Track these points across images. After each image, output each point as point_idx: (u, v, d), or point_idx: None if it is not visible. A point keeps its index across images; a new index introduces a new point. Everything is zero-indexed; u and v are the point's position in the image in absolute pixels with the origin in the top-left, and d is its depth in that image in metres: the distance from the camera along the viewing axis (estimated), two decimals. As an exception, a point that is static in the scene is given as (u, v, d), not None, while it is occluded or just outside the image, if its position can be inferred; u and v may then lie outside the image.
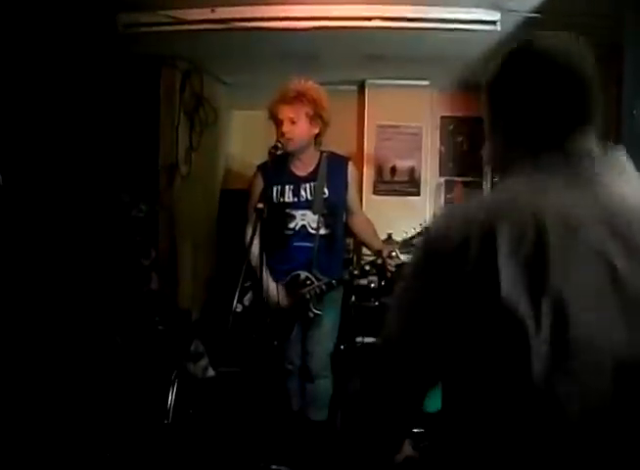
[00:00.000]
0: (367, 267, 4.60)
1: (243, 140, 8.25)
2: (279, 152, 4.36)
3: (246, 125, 8.10)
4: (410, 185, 7.94)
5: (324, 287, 4.52)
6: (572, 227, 1.45)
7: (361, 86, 8.00)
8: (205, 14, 5.30)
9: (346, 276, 4.61)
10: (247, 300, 4.55)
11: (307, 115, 4.51)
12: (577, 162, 1.59)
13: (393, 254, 4.48)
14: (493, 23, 5.17)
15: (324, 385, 4.73)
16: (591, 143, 1.63)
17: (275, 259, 4.59)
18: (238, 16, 5.30)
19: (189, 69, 6.86)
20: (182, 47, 6.25)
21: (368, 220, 4.87)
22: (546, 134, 1.65)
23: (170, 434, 4.73)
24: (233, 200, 7.33)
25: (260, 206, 4.07)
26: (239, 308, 4.40)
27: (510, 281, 1.40)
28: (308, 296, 4.53)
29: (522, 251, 1.41)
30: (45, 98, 5.33)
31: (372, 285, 6.40)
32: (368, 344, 6.55)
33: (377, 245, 4.73)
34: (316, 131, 4.59)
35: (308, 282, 4.55)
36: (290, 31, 5.43)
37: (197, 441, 4.75)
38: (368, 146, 7.93)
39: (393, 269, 4.59)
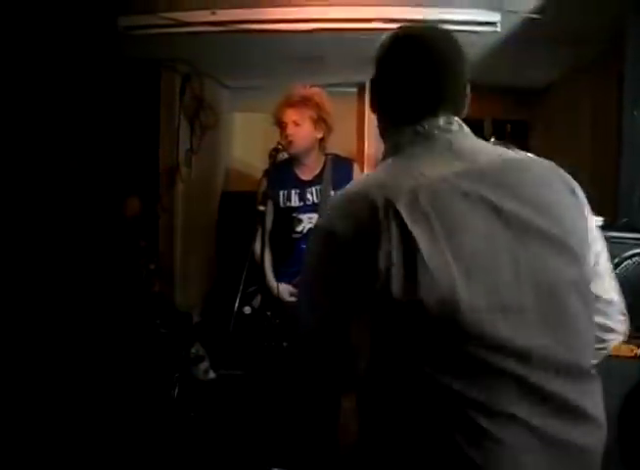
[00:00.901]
0: None
1: (244, 143, 8.25)
2: (280, 154, 4.38)
3: (247, 128, 8.11)
4: (410, 186, 7.91)
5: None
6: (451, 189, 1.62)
7: (362, 88, 7.99)
8: (205, 16, 5.30)
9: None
10: (256, 302, 4.54)
11: (311, 118, 4.51)
12: (438, 136, 1.79)
13: None
14: (494, 24, 5.17)
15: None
16: (449, 120, 1.84)
17: (283, 263, 4.60)
18: (238, 18, 5.30)
19: (189, 72, 6.86)
20: (182, 50, 6.25)
21: None
22: (406, 113, 1.85)
23: (172, 436, 4.73)
24: (234, 202, 7.35)
25: (261, 208, 4.08)
26: (247, 311, 4.40)
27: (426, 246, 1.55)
28: None
29: (420, 218, 1.56)
30: (45, 100, 5.33)
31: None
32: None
33: None
34: (320, 135, 4.59)
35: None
36: (290, 34, 5.43)
37: (198, 444, 4.74)
38: (368, 147, 7.92)
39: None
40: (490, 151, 1.80)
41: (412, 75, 1.85)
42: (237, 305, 4.12)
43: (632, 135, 4.08)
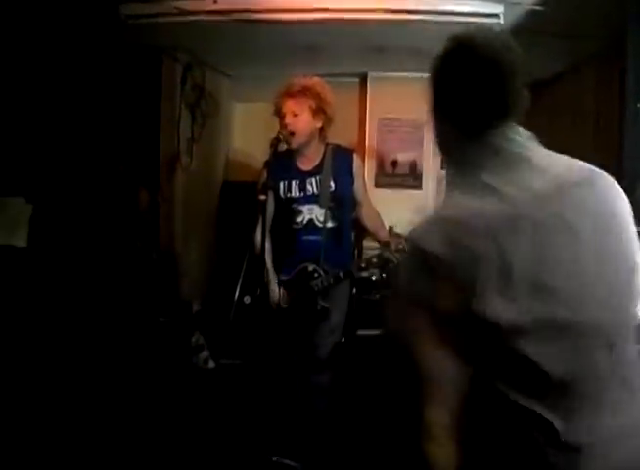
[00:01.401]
0: (374, 260, 4.59)
1: (244, 132, 8.25)
2: (280, 145, 4.37)
3: (247, 117, 8.11)
4: (412, 178, 7.93)
5: (332, 280, 4.52)
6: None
7: (363, 79, 8.00)
8: (207, 5, 5.28)
9: (354, 269, 4.60)
10: (256, 292, 4.54)
11: (310, 108, 4.50)
12: (516, 151, 1.77)
13: (401, 246, 4.46)
14: (496, 15, 5.15)
15: (329, 376, 4.72)
16: (515, 131, 1.81)
17: (284, 254, 4.60)
18: (240, 7, 5.29)
19: (190, 60, 6.85)
20: (184, 38, 6.23)
21: (376, 212, 4.86)
22: (476, 124, 1.82)
23: (171, 425, 4.73)
24: (234, 191, 7.36)
25: (262, 197, 4.08)
26: (247, 300, 4.41)
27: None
28: (316, 288, 4.53)
29: (519, 247, 1.59)
30: (46, 88, 5.32)
31: (373, 277, 6.39)
32: (369, 336, 6.57)
33: (385, 236, 4.72)
34: (319, 125, 4.57)
35: (316, 275, 4.55)
36: (292, 23, 5.42)
37: (198, 432, 4.75)
38: (370, 139, 7.93)
39: (397, 262, 4.58)
40: (560, 164, 1.79)
41: (483, 86, 1.80)
42: (237, 294, 4.12)
43: (634, 128, 4.07)
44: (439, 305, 1.61)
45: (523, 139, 1.80)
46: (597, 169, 1.81)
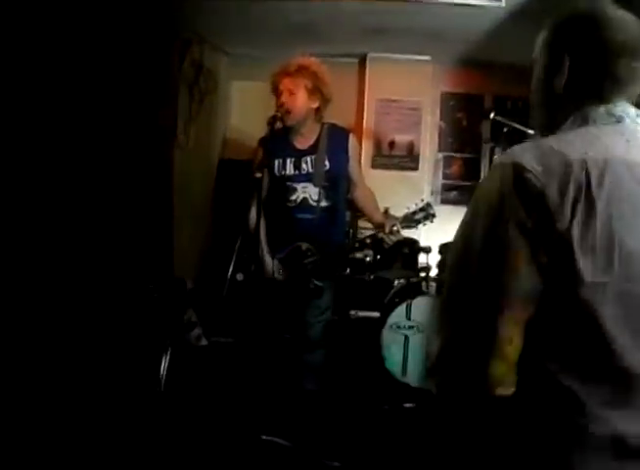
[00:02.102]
0: (368, 240, 4.60)
1: (242, 110, 8.24)
2: (277, 123, 4.36)
3: (245, 96, 8.10)
4: (409, 160, 7.94)
5: (325, 259, 4.53)
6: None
7: (362, 60, 7.99)
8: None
9: (347, 248, 4.61)
10: (250, 268, 4.55)
11: (306, 87, 4.48)
12: (628, 121, 1.68)
13: (395, 228, 4.47)
14: (498, -1, 5.16)
15: (321, 355, 4.74)
16: (638, 112, 1.73)
17: (277, 232, 4.60)
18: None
19: (190, 37, 6.83)
20: (184, 15, 6.22)
21: (371, 193, 4.86)
22: (601, 91, 1.72)
23: (162, 402, 4.75)
24: (231, 170, 7.35)
25: (258, 175, 4.08)
26: (240, 277, 4.41)
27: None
28: (309, 266, 4.54)
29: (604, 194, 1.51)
30: (42, 59, 5.30)
31: (367, 258, 6.42)
32: (362, 317, 6.59)
33: (379, 218, 4.72)
34: (315, 105, 4.56)
35: (309, 253, 4.55)
36: (292, 2, 5.41)
37: (188, 410, 4.77)
38: (367, 120, 7.94)
39: (392, 244, 4.60)
40: None
41: (616, 55, 1.70)
42: (230, 271, 4.12)
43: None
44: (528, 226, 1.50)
45: (633, 113, 1.72)
46: None
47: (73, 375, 4.70)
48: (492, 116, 5.72)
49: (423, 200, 4.59)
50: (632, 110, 1.72)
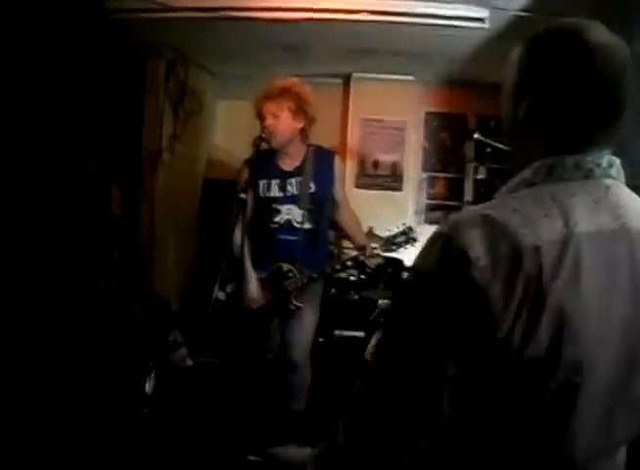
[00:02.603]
0: (349, 263, 4.61)
1: (227, 130, 8.25)
2: (262, 144, 4.37)
3: (230, 115, 8.10)
4: (393, 180, 7.96)
5: (305, 280, 4.53)
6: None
7: (347, 79, 8.02)
8: (192, 2, 5.29)
9: (328, 270, 4.61)
10: (229, 288, 4.55)
11: (290, 109, 4.49)
12: (599, 177, 1.51)
13: (375, 252, 4.49)
14: (481, 20, 5.18)
15: (303, 375, 4.73)
16: (611, 161, 1.54)
17: (260, 252, 4.60)
18: (225, 5, 5.29)
19: (175, 57, 6.84)
20: (168, 35, 6.23)
21: (354, 215, 4.87)
22: (570, 138, 1.52)
23: (148, 423, 4.73)
24: (215, 190, 7.35)
25: (243, 196, 4.08)
26: (222, 296, 4.42)
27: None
28: (290, 288, 4.54)
29: (563, 277, 1.37)
30: (28, 83, 5.30)
31: (352, 278, 6.42)
32: (346, 337, 6.58)
33: (361, 240, 4.73)
34: (300, 126, 4.57)
35: (290, 274, 4.56)
36: (277, 22, 5.43)
37: (174, 431, 4.75)
38: (352, 139, 7.95)
39: (374, 267, 4.61)
40: (636, 209, 1.53)
41: (588, 82, 1.47)
42: (215, 292, 4.12)
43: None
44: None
45: (615, 171, 1.54)
46: None
47: (59, 396, 4.68)
48: (476, 136, 5.74)
49: (404, 224, 4.60)
50: (604, 160, 1.51)
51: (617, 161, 1.54)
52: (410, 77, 7.77)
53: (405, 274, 6.51)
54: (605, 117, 1.50)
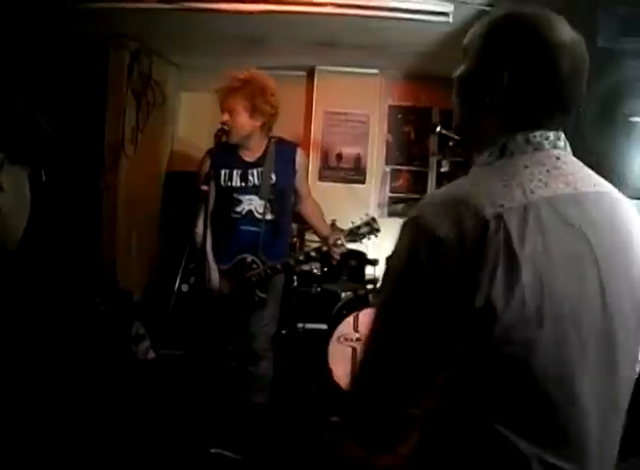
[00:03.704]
0: (313, 254, 4.62)
1: (190, 122, 8.21)
2: (224, 138, 4.37)
3: (193, 107, 8.08)
4: (356, 172, 7.97)
5: (269, 271, 4.54)
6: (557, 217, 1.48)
7: (310, 72, 8.00)
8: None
9: (291, 261, 4.62)
10: (192, 279, 4.55)
11: (246, 108, 4.47)
12: (548, 149, 1.59)
13: (339, 242, 4.51)
14: (445, 14, 5.19)
15: (266, 367, 4.74)
16: (559, 135, 1.63)
17: (222, 243, 4.60)
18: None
19: (138, 49, 6.80)
20: (132, 26, 6.19)
21: (317, 206, 4.90)
22: (523, 118, 1.60)
23: (111, 416, 4.71)
24: (178, 182, 7.33)
25: (205, 188, 4.08)
26: (185, 288, 4.42)
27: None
28: (254, 279, 4.55)
29: (527, 241, 1.42)
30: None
31: (315, 271, 6.43)
32: (309, 330, 6.59)
33: (324, 231, 4.77)
34: (258, 124, 4.56)
35: (254, 266, 4.57)
36: (241, 14, 5.40)
37: (137, 423, 4.73)
38: (315, 132, 7.95)
39: (338, 257, 4.63)
40: (587, 178, 1.61)
41: (547, 77, 1.56)
42: (177, 284, 4.12)
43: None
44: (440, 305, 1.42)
45: (562, 144, 1.62)
46: (618, 193, 1.67)
47: (18, 392, 4.64)
48: (439, 129, 5.75)
49: (368, 214, 4.63)
50: (551, 134, 1.60)
51: (563, 135, 1.63)
52: (374, 71, 7.78)
53: (368, 266, 6.54)
54: (556, 107, 1.60)
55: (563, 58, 1.55)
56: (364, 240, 4.63)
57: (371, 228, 4.55)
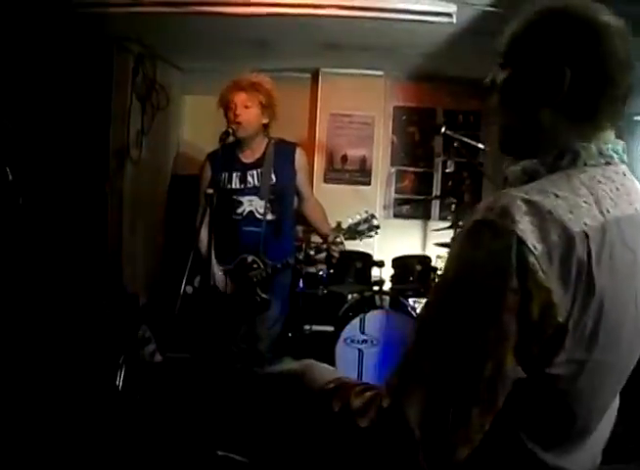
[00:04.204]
0: (312, 252, 4.61)
1: (194, 125, 8.23)
2: (230, 138, 4.39)
3: (198, 111, 8.08)
4: (361, 174, 7.97)
5: (269, 270, 4.55)
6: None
7: (315, 74, 8.01)
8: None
9: (292, 261, 4.62)
10: (197, 282, 4.56)
11: (260, 103, 4.52)
12: (617, 164, 1.52)
13: (338, 239, 4.50)
14: (449, 15, 5.19)
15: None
16: (624, 147, 1.56)
17: (224, 244, 4.61)
18: (193, 0, 5.28)
19: (142, 52, 6.81)
20: (137, 30, 6.20)
21: (319, 205, 4.90)
22: (595, 123, 1.51)
23: (118, 420, 4.71)
24: (183, 185, 7.32)
25: (210, 191, 4.09)
26: (189, 290, 4.42)
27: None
28: (255, 279, 4.55)
29: (602, 264, 1.38)
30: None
31: (320, 273, 6.43)
32: (316, 332, 6.59)
33: (325, 230, 4.77)
34: (266, 121, 4.60)
35: (255, 266, 4.57)
36: (244, 17, 5.41)
37: (144, 426, 4.73)
38: (320, 134, 7.96)
39: (337, 255, 4.62)
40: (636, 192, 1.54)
41: (607, 63, 1.45)
42: (183, 286, 4.12)
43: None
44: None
45: (626, 154, 1.55)
46: None
47: (26, 393, 4.65)
48: (443, 130, 5.75)
49: (367, 211, 4.61)
50: (620, 145, 1.53)
51: (624, 144, 1.55)
52: (378, 72, 7.79)
53: (374, 268, 6.53)
54: (618, 96, 1.50)
55: (616, 40, 1.46)
56: (364, 239, 4.62)
57: (370, 225, 4.53)
